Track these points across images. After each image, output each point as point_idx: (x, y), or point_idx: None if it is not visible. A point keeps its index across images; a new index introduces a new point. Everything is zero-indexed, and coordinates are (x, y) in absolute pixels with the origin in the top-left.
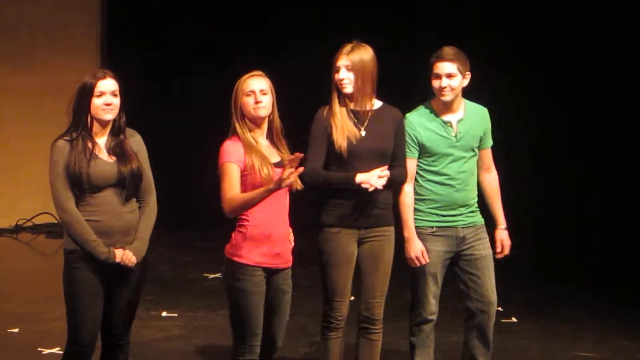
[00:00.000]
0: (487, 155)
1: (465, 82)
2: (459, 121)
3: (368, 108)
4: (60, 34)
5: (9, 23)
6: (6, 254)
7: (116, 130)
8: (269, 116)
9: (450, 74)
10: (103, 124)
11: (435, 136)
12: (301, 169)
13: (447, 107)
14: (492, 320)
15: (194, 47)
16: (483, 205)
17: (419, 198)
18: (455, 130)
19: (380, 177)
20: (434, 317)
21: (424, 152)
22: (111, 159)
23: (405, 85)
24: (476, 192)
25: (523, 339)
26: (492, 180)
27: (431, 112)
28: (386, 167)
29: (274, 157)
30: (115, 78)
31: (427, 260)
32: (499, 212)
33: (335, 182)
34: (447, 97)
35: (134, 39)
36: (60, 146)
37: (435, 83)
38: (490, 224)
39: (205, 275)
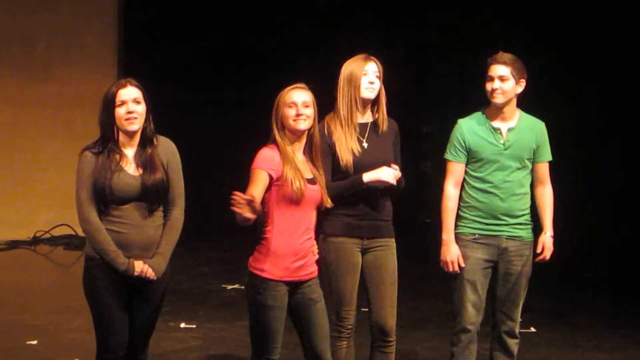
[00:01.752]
0: (542, 169)
1: (519, 89)
2: (510, 130)
3: (385, 121)
4: (76, 44)
5: (24, 34)
6: (24, 266)
7: (145, 141)
8: (309, 130)
9: (503, 77)
10: (129, 134)
11: (483, 142)
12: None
13: (499, 114)
14: (513, 337)
15: (210, 57)
16: (536, 219)
17: (463, 205)
18: (504, 138)
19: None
20: (473, 327)
21: (471, 157)
22: (137, 172)
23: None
24: (527, 206)
25: (542, 348)
26: (545, 194)
27: (483, 118)
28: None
29: (308, 173)
30: (138, 86)
31: (462, 265)
32: (547, 220)
33: (346, 189)
34: (498, 99)
35: (149, 50)
36: (87, 156)
37: (488, 85)
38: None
39: (223, 286)
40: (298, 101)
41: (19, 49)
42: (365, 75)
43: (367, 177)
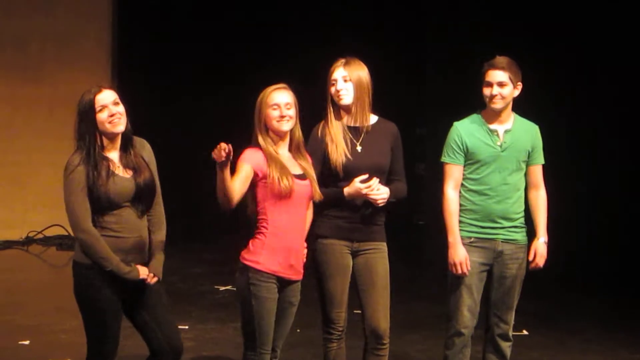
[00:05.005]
0: (536, 172)
1: (516, 92)
2: (506, 132)
3: (365, 123)
4: (70, 45)
5: (19, 34)
6: (17, 266)
7: (126, 142)
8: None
9: (502, 83)
10: (112, 137)
11: (480, 143)
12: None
13: (496, 117)
14: (507, 340)
15: (204, 59)
16: (530, 222)
17: (460, 208)
18: (501, 140)
19: (365, 183)
20: (467, 331)
21: (467, 159)
22: (127, 174)
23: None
24: (522, 209)
25: (534, 351)
26: (539, 197)
27: (479, 120)
28: (365, 176)
29: (295, 169)
30: (112, 88)
31: (469, 268)
32: (541, 225)
33: (327, 200)
34: (497, 105)
35: (144, 51)
36: (77, 167)
37: (486, 91)
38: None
39: (215, 287)
40: (281, 102)
41: (13, 50)
42: (333, 85)
43: (347, 192)
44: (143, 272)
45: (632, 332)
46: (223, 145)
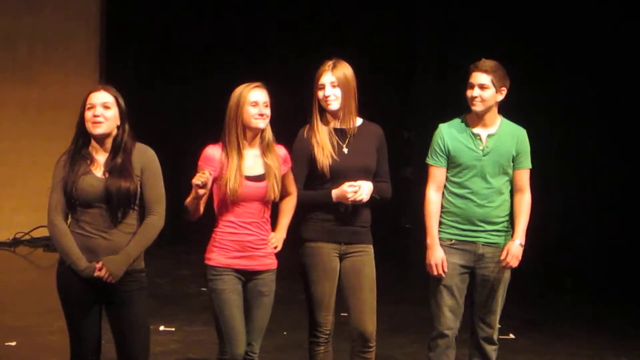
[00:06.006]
0: (522, 176)
1: (500, 97)
2: (490, 136)
3: (351, 125)
4: (59, 47)
5: (7, 35)
6: (4, 267)
7: (117, 148)
8: None
9: (483, 85)
10: (98, 138)
11: (462, 147)
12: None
13: (480, 120)
14: (491, 343)
15: (192, 60)
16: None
17: (442, 210)
18: (483, 144)
19: (351, 186)
20: (450, 332)
21: (450, 162)
22: (104, 176)
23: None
24: (506, 213)
25: (520, 354)
26: (522, 201)
27: (464, 124)
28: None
29: (257, 169)
30: (113, 92)
31: (446, 270)
32: (519, 228)
33: (315, 202)
34: (477, 107)
35: (133, 52)
36: (62, 160)
37: (468, 92)
38: None
39: (202, 289)
40: (260, 101)
41: (1, 51)
42: (321, 90)
43: (335, 195)
44: (97, 267)
45: (618, 335)
46: (203, 179)
